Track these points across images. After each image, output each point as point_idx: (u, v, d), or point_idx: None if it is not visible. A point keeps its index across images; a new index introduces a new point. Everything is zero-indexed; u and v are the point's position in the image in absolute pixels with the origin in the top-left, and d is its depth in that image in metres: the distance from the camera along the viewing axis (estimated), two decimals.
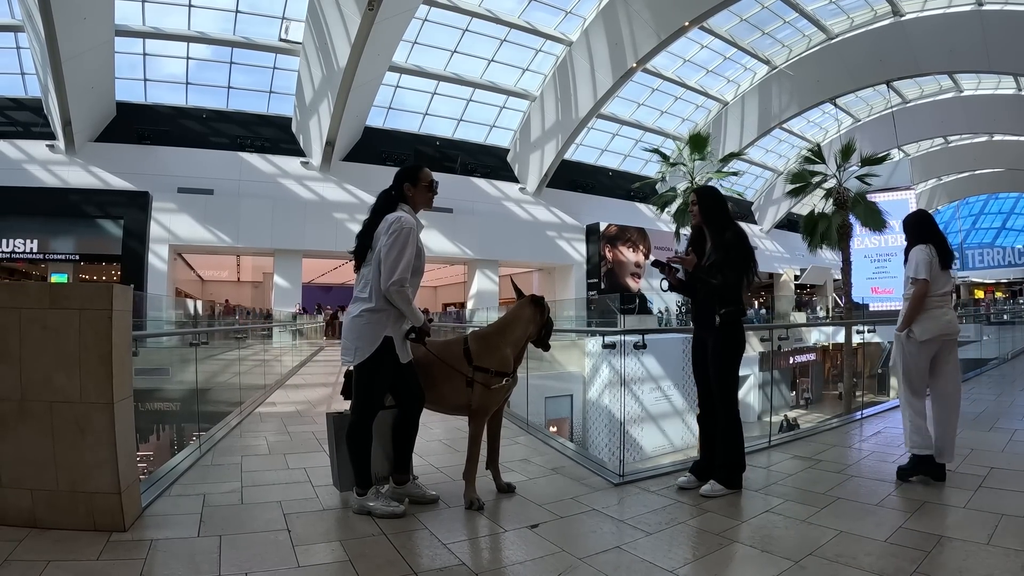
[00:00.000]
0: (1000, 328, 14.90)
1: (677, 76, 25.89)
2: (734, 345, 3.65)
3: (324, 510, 3.31)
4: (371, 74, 19.15)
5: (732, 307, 3.63)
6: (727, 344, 3.64)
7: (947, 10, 20.79)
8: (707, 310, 3.68)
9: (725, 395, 3.66)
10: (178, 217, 19.97)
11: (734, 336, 3.66)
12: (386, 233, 3.14)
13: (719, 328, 3.63)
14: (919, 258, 3.81)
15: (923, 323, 3.82)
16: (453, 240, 23.96)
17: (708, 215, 3.69)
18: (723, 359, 3.64)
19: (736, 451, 3.62)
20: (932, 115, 28.79)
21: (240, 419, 6.05)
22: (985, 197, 41.64)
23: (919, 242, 3.90)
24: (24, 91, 18.96)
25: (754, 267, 3.71)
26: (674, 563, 2.59)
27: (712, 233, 3.69)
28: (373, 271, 3.19)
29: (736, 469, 3.60)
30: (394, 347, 3.21)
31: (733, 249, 3.60)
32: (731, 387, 3.66)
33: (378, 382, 3.23)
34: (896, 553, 2.59)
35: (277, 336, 13.83)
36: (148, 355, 6.98)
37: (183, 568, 2.49)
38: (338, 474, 3.46)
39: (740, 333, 3.69)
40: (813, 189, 19.31)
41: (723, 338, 3.64)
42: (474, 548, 2.83)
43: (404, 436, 3.34)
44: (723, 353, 3.64)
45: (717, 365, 3.64)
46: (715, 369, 3.65)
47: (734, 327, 3.66)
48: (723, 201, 3.77)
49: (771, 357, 11.66)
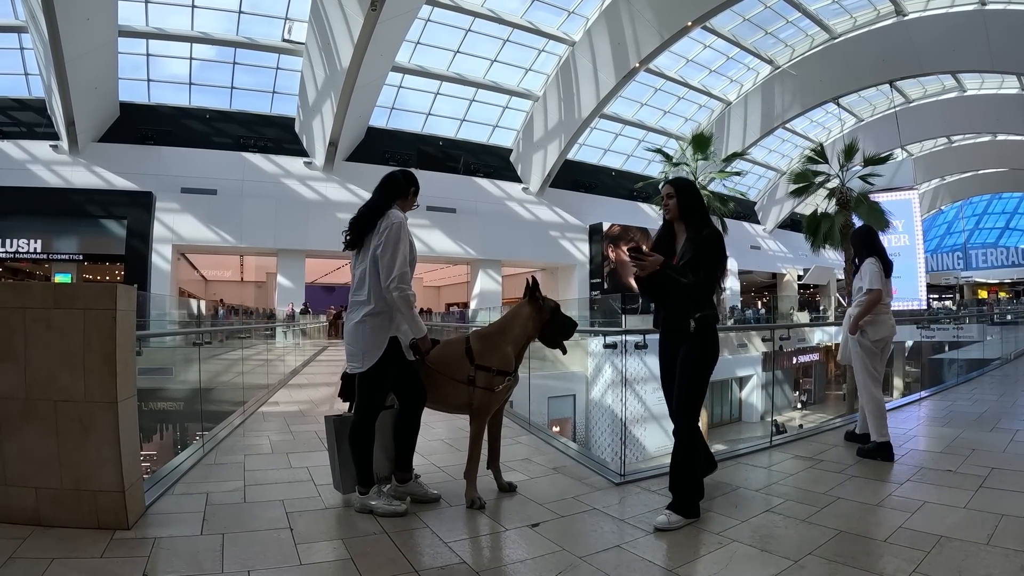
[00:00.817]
0: (1003, 328, 14.85)
1: (680, 76, 25.88)
2: (708, 354, 3.30)
3: (326, 509, 3.32)
4: (374, 74, 19.18)
5: (708, 311, 3.27)
6: (702, 352, 3.26)
7: (950, 10, 20.75)
8: (679, 314, 3.29)
9: (688, 410, 3.29)
10: (181, 217, 20.02)
11: (710, 343, 3.30)
12: (378, 234, 3.15)
13: (693, 334, 3.26)
14: (872, 270, 4.50)
15: (875, 326, 4.53)
16: (456, 240, 23.98)
17: (687, 210, 3.36)
18: (695, 369, 3.25)
19: (694, 473, 3.24)
20: (935, 115, 28.73)
21: (243, 418, 6.07)
22: (988, 197, 41.53)
23: (868, 255, 4.60)
24: (28, 92, 19.02)
25: (724, 271, 3.50)
26: (674, 562, 2.60)
27: (690, 229, 3.34)
28: (370, 273, 3.19)
29: (694, 494, 3.19)
30: (399, 347, 3.23)
31: (712, 247, 3.26)
32: (696, 401, 3.30)
33: (385, 384, 3.26)
34: (895, 553, 2.59)
35: (280, 336, 13.85)
36: (151, 355, 7.01)
37: (186, 566, 2.50)
38: (340, 477, 3.47)
39: (715, 340, 3.35)
40: (816, 189, 19.31)
41: (698, 346, 3.26)
42: (475, 547, 2.84)
43: (406, 435, 3.35)
44: (696, 362, 3.25)
45: (687, 375, 3.25)
46: (683, 379, 3.26)
47: (709, 333, 3.30)
48: (701, 195, 3.49)
49: (773, 357, 11.63)
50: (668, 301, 3.35)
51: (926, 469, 4.00)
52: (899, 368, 25.97)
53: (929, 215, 40.30)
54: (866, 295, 4.47)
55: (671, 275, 3.18)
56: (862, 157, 18.44)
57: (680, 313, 3.26)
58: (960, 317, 18.42)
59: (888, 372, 27.18)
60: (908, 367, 24.94)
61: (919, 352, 21.21)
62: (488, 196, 25.59)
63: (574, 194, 27.51)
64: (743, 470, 4.23)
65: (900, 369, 26.09)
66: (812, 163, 19.23)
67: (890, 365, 26.25)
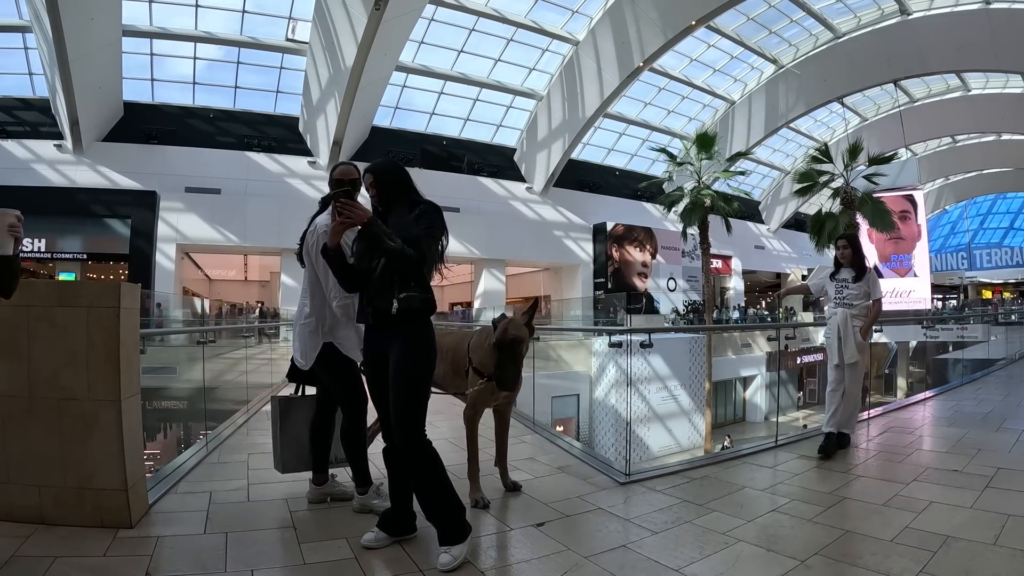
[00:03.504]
0: (1008, 329, 14.80)
1: (684, 75, 25.79)
2: (422, 349, 2.65)
3: (330, 508, 3.32)
4: (378, 74, 19.17)
5: (419, 292, 2.61)
6: (411, 349, 2.60)
7: (954, 8, 20.65)
8: (384, 293, 2.61)
9: (406, 422, 2.58)
10: (185, 216, 20.03)
11: (421, 337, 2.65)
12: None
13: (398, 321, 2.60)
14: (878, 279, 4.87)
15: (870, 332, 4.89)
16: (459, 239, 23.91)
17: (392, 188, 2.74)
18: (404, 371, 2.58)
19: (444, 493, 2.61)
20: (939, 114, 28.59)
21: (247, 417, 6.07)
22: (993, 197, 41.32)
23: (862, 260, 4.88)
24: (32, 91, 19.04)
25: (442, 250, 2.77)
26: (680, 562, 2.58)
27: (402, 208, 2.70)
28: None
29: (456, 511, 2.62)
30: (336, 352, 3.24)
31: (430, 216, 2.66)
32: (414, 409, 2.60)
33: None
34: (902, 553, 2.58)
35: (284, 333, 13.84)
36: (157, 353, 7.02)
37: (189, 565, 2.50)
38: (280, 457, 3.56)
39: (429, 333, 2.70)
40: (820, 189, 19.28)
41: (410, 339, 2.62)
42: (480, 546, 2.82)
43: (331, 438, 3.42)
44: (407, 360, 2.59)
45: (398, 380, 2.58)
46: (395, 384, 2.59)
47: (420, 321, 2.65)
48: (407, 177, 2.80)
49: (777, 357, 11.61)
50: (372, 279, 2.67)
51: (932, 469, 3.99)
52: (903, 368, 25.95)
53: (933, 215, 40.13)
54: (875, 303, 4.74)
55: (379, 234, 2.48)
56: (866, 157, 18.38)
57: (386, 291, 2.60)
58: (964, 318, 18.38)
59: (892, 373, 27.17)
60: (912, 367, 24.90)
61: (923, 352, 21.17)
62: (492, 196, 25.55)
63: (578, 193, 27.44)
64: (748, 470, 4.22)
65: (904, 369, 26.06)
66: (816, 162, 19.18)
67: (894, 366, 26.25)
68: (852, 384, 4.73)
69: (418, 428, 2.57)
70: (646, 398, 17.88)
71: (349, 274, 2.69)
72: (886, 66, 23.51)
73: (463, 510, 2.64)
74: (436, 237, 2.67)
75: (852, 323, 4.69)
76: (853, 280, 4.79)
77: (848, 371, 4.69)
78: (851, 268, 4.83)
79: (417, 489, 2.65)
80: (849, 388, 4.71)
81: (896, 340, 24.96)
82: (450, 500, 2.60)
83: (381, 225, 2.51)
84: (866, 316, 4.73)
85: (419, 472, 2.59)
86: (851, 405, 4.74)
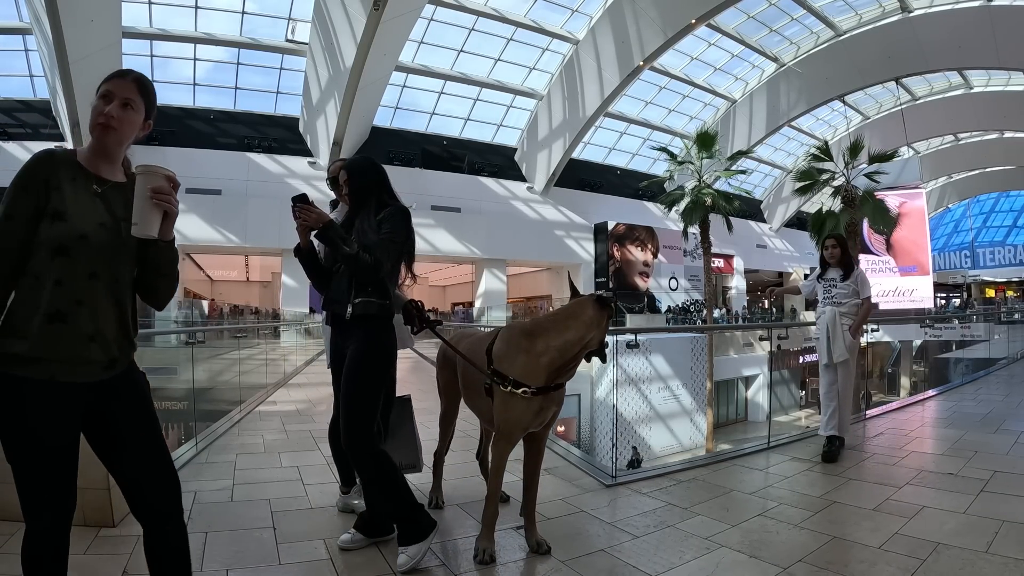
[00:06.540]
0: (1010, 328, 14.70)
1: (685, 74, 25.75)
2: (375, 353, 2.63)
3: (312, 508, 3.31)
4: (378, 74, 19.16)
5: (375, 298, 2.60)
6: (365, 350, 2.60)
7: (956, 6, 20.55)
8: (340, 298, 2.64)
9: (354, 422, 2.56)
10: (186, 217, 20.02)
11: (376, 340, 2.64)
12: None
13: (354, 324, 2.62)
14: (867, 278, 4.82)
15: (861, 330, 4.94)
16: (460, 239, 23.92)
17: (362, 187, 2.75)
18: (354, 370, 2.58)
19: (398, 493, 2.57)
20: (941, 112, 28.47)
21: (240, 416, 6.06)
22: (996, 195, 41.13)
23: (850, 260, 4.88)
24: (32, 93, 19.10)
25: (409, 260, 2.77)
26: (658, 567, 2.54)
27: (370, 209, 2.71)
28: None
29: (415, 512, 2.57)
30: None
31: (393, 221, 2.63)
32: (362, 412, 2.57)
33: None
34: (889, 561, 2.53)
35: (283, 335, 13.88)
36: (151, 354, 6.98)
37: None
38: (420, 456, 3.35)
39: (385, 337, 2.68)
40: (821, 187, 19.16)
41: (360, 340, 2.61)
42: (456, 548, 2.79)
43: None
44: (358, 362, 2.58)
45: (345, 379, 2.60)
46: (344, 384, 2.61)
47: (375, 325, 2.64)
48: (381, 174, 2.79)
49: (770, 357, 11.58)
50: (332, 282, 2.73)
51: (927, 472, 3.93)
52: (906, 368, 25.82)
53: (936, 213, 39.97)
54: (864, 301, 4.75)
55: (334, 238, 2.48)
56: (868, 155, 18.27)
57: (342, 296, 2.63)
58: (966, 316, 18.28)
59: (895, 372, 27.03)
60: (916, 367, 24.77)
61: (925, 351, 21.07)
62: (493, 195, 25.53)
63: (579, 193, 27.41)
64: (739, 472, 4.17)
65: (907, 369, 25.94)
66: (817, 161, 19.07)
67: (897, 365, 26.14)
68: (844, 384, 4.70)
69: (364, 428, 2.56)
70: (648, 398, 17.82)
71: (319, 273, 2.77)
72: (887, 64, 23.42)
73: (419, 509, 2.60)
74: (397, 243, 2.63)
75: (841, 321, 4.66)
76: (841, 279, 4.78)
77: (840, 370, 4.64)
78: (839, 267, 4.82)
79: (367, 488, 2.69)
80: (842, 388, 4.67)
81: (899, 339, 24.83)
82: (404, 498, 2.58)
83: (337, 229, 2.52)
84: (856, 315, 4.71)
85: (368, 471, 2.61)
86: (844, 406, 4.70)
